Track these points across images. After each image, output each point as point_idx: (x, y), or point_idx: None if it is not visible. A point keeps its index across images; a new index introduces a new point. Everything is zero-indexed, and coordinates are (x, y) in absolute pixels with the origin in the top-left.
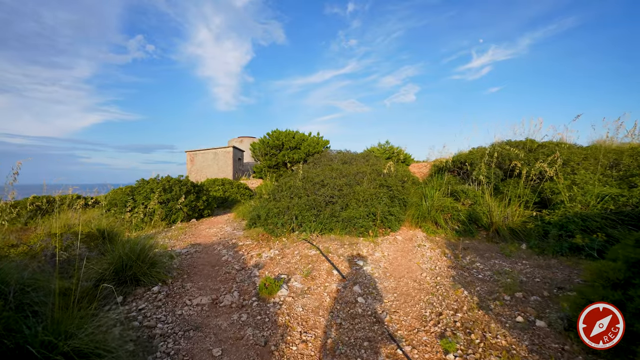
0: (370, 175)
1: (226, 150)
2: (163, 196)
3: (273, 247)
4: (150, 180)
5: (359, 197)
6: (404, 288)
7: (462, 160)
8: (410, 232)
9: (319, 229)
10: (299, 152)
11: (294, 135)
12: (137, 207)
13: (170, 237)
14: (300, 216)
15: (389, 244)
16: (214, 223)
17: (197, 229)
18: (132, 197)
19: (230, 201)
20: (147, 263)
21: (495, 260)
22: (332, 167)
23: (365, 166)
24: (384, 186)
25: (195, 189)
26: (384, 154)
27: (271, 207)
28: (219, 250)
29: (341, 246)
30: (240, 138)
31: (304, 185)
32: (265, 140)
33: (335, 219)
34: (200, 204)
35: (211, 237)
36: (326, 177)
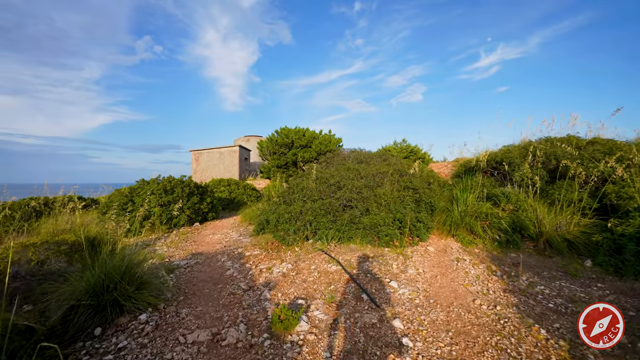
0: (392, 176)
1: (232, 149)
2: (164, 198)
3: (285, 259)
4: (151, 180)
5: (380, 200)
6: (458, 323)
7: (498, 160)
8: (441, 241)
9: (337, 238)
10: (310, 151)
11: (304, 132)
12: (136, 210)
13: (169, 244)
14: (315, 222)
15: (420, 256)
16: (218, 227)
17: (200, 234)
18: (130, 199)
19: (236, 203)
20: (135, 283)
21: (561, 281)
22: (347, 166)
23: (385, 166)
24: (409, 188)
25: (199, 190)
26: (400, 153)
27: (282, 211)
28: (223, 261)
29: (365, 259)
30: (247, 137)
31: (318, 187)
32: (273, 138)
33: (355, 226)
34: (204, 206)
35: (215, 245)
36: (342, 177)
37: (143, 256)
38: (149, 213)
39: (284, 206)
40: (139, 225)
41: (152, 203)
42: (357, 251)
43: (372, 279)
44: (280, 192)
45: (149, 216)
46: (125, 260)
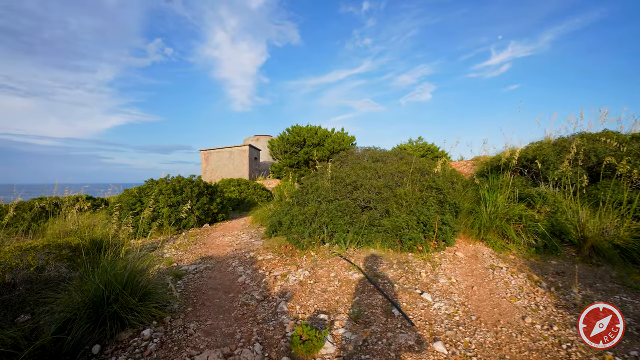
0: (413, 175)
1: (242, 148)
2: (173, 198)
3: (301, 265)
4: (160, 180)
5: (401, 201)
6: (512, 347)
7: (529, 157)
8: (469, 246)
9: (355, 241)
10: (323, 149)
11: (317, 130)
12: (144, 211)
13: (178, 247)
14: (332, 224)
15: (449, 263)
16: (228, 229)
17: (209, 236)
18: (139, 200)
19: (247, 203)
20: (138, 293)
21: (620, 295)
22: (363, 165)
23: (403, 164)
24: (432, 188)
25: (209, 190)
26: (417, 151)
27: (295, 213)
28: (234, 267)
29: (389, 266)
30: (256, 137)
31: (333, 186)
32: (284, 137)
33: (374, 229)
34: (214, 207)
35: (225, 248)
36: (359, 177)
37: (148, 262)
38: (157, 214)
39: (297, 207)
40: (147, 226)
41: (161, 203)
42: (379, 256)
43: (400, 289)
44: (293, 192)
45: (157, 217)
46: (129, 267)
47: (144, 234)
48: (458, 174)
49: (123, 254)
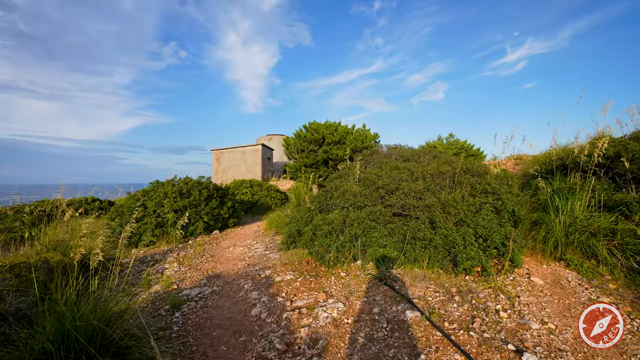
0: (460, 176)
1: (255, 148)
2: (179, 202)
3: (331, 292)
4: (166, 182)
5: (449, 209)
6: None
7: (611, 154)
8: (543, 268)
9: (396, 259)
10: (344, 148)
11: (337, 127)
12: (147, 217)
13: (182, 261)
14: (364, 237)
15: (529, 294)
16: (240, 237)
17: (219, 246)
18: (142, 204)
19: (260, 206)
20: (111, 350)
21: None
22: (395, 165)
23: (444, 164)
24: (487, 193)
25: (219, 192)
26: (448, 150)
27: (319, 222)
28: (246, 291)
29: (448, 297)
30: (269, 136)
31: (362, 190)
32: (301, 134)
33: (419, 244)
34: (224, 211)
35: (236, 263)
36: (392, 179)
37: (123, 308)
38: (162, 220)
39: (320, 215)
40: (150, 234)
41: (166, 208)
42: (428, 280)
43: (481, 341)
44: (314, 196)
45: (162, 223)
46: (100, 309)
47: (146, 243)
48: (511, 174)
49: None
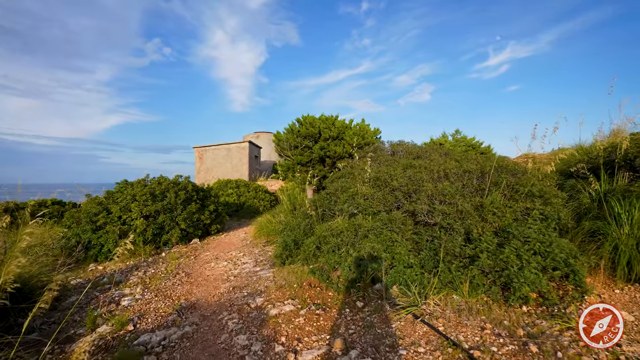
0: (494, 176)
1: (241, 145)
2: (151, 206)
3: (349, 336)
4: (135, 182)
5: (489, 216)
6: None
7: None
8: (616, 293)
9: (425, 282)
10: (343, 144)
11: (334, 121)
12: (110, 225)
13: (148, 282)
14: (385, 253)
15: (626, 338)
16: (224, 246)
17: (197, 259)
18: (105, 208)
19: (247, 209)
20: None
21: None
22: (408, 163)
23: (469, 162)
24: (533, 196)
25: (200, 194)
26: (456, 146)
27: (324, 232)
28: (230, 331)
29: (520, 347)
30: (256, 134)
31: (375, 192)
32: (294, 129)
33: (458, 262)
34: (206, 216)
35: (218, 285)
36: (410, 179)
37: None
38: (129, 227)
39: (325, 224)
40: (112, 245)
41: (134, 213)
42: (477, 315)
43: None
44: (314, 199)
45: (128, 232)
46: None
47: (108, 256)
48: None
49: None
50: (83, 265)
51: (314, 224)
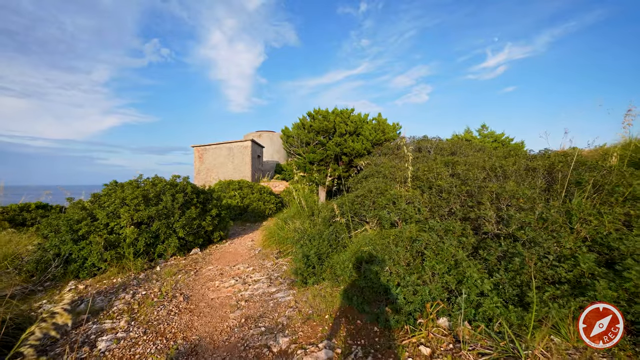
0: (579, 175)
1: (243, 144)
2: (143, 212)
3: None
4: (126, 184)
5: (579, 226)
6: None
7: None
8: None
9: (521, 320)
10: (361, 140)
11: (349, 115)
12: (95, 234)
13: (137, 310)
14: (448, 276)
15: None
16: (229, 258)
17: (199, 275)
18: (90, 214)
19: (251, 212)
20: None
21: None
22: (450, 160)
23: (534, 158)
24: (635, 200)
25: (200, 197)
26: (484, 142)
27: (367, 247)
28: None
29: None
30: (258, 132)
31: (419, 196)
32: (306, 123)
33: (552, 290)
34: (207, 222)
35: (226, 314)
36: (459, 178)
37: None
38: (117, 237)
39: (365, 236)
40: (96, 258)
41: (123, 220)
42: None
43: None
44: (342, 202)
45: (116, 242)
46: None
47: (92, 272)
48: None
49: None
50: (61, 284)
51: (340, 233)
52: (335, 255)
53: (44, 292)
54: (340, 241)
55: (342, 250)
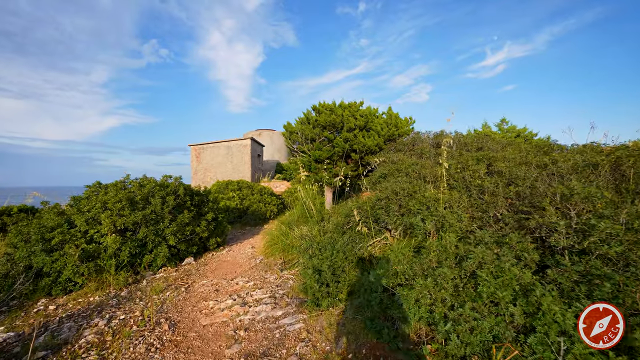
0: None
1: (242, 143)
2: (128, 217)
3: None
4: (110, 185)
5: None
6: None
7: None
8: None
9: None
10: (373, 135)
11: (358, 108)
12: (72, 242)
13: (108, 346)
14: (516, 308)
15: None
16: (226, 269)
17: (190, 294)
18: (67, 220)
19: (251, 215)
20: None
21: None
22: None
23: (589, 152)
24: None
25: (195, 200)
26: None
27: (403, 266)
28: None
29: None
30: (258, 131)
31: (459, 198)
32: (310, 118)
33: None
34: (202, 228)
35: (220, 347)
36: (507, 178)
37: None
38: (97, 247)
39: (406, 249)
40: (71, 272)
41: (104, 226)
42: None
43: None
44: (357, 205)
45: (95, 252)
46: None
47: (67, 288)
48: None
49: None
50: (30, 302)
51: (357, 243)
52: (351, 269)
53: (7, 314)
54: (358, 252)
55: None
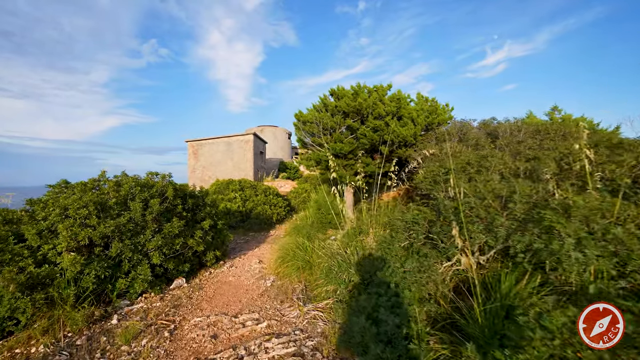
0: None
1: (244, 138)
2: (97, 227)
3: None
4: (77, 185)
5: None
6: None
7: None
8: None
9: None
10: (407, 124)
11: (385, 92)
12: (13, 263)
13: None
14: None
15: None
16: (228, 296)
17: (174, 341)
18: (14, 232)
19: (255, 218)
20: None
21: None
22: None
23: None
24: None
25: (188, 203)
26: (560, 128)
27: None
28: None
29: None
30: (260, 127)
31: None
32: (328, 104)
33: None
34: (196, 240)
35: None
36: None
37: None
38: (51, 269)
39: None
40: (7, 309)
41: (62, 241)
42: None
43: None
44: (418, 215)
45: (48, 278)
46: None
47: (4, 328)
48: None
49: None
50: None
51: (431, 270)
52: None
53: None
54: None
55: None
